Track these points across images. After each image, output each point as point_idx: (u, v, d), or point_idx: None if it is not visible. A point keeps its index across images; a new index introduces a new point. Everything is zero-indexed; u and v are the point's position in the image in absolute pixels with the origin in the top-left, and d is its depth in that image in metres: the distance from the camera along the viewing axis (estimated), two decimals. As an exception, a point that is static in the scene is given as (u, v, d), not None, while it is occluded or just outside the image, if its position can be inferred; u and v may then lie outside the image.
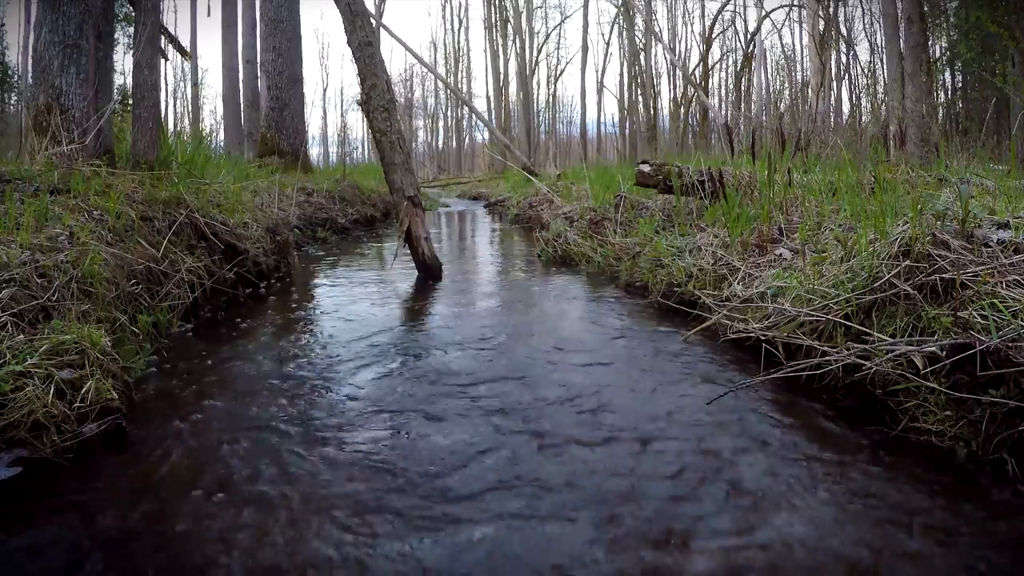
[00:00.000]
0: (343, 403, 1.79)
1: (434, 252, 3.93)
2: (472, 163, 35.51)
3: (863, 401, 1.63)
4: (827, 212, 3.00)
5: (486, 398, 1.80)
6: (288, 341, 2.48)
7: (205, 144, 5.50)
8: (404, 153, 3.87)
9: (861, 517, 1.17)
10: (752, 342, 2.11)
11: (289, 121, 9.05)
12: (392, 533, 1.14)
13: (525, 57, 24.25)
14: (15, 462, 1.34)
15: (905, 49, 8.18)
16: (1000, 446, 1.32)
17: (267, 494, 1.28)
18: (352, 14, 3.88)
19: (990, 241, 1.82)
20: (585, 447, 1.48)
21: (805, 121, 9.88)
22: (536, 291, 3.53)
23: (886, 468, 1.35)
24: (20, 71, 16.95)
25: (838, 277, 2.01)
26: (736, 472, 1.35)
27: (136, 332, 2.17)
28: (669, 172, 4.31)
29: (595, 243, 4.28)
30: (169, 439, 1.54)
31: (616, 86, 43.02)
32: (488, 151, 25.06)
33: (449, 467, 1.39)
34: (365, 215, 7.78)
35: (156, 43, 3.78)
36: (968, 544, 1.09)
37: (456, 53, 33.73)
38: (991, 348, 1.38)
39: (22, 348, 1.57)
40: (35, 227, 2.28)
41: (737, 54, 24.61)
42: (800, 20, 20.51)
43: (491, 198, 12.65)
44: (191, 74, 20.34)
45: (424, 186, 16.41)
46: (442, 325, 2.72)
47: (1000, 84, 8.55)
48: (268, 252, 3.79)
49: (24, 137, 4.15)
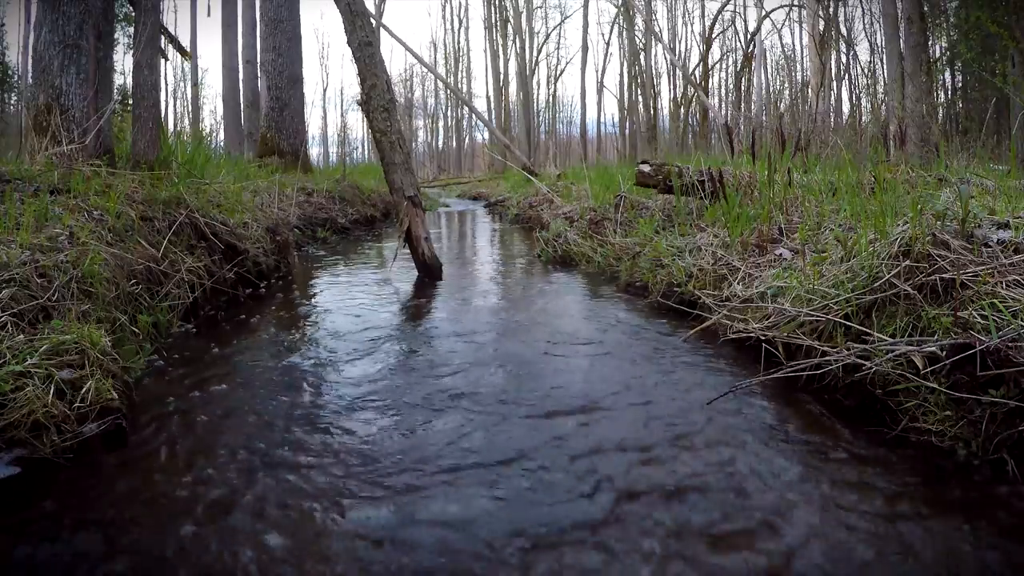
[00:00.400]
0: (343, 400, 1.79)
1: (434, 252, 3.93)
2: (472, 163, 35.50)
3: (863, 401, 1.63)
4: (827, 212, 3.00)
5: (482, 395, 1.80)
6: (288, 341, 2.48)
7: (205, 144, 5.50)
8: (404, 153, 3.87)
9: (861, 517, 1.17)
10: (752, 342, 2.11)
11: (289, 121, 9.05)
12: (391, 515, 1.15)
13: (525, 57, 24.26)
14: (15, 462, 1.34)
15: (905, 49, 8.19)
16: (1000, 446, 1.33)
17: (267, 492, 1.29)
18: (352, 14, 3.88)
19: (990, 241, 1.82)
20: (584, 447, 1.48)
21: (805, 121, 9.88)
22: (536, 291, 3.53)
23: (886, 468, 1.35)
24: (20, 71, 16.96)
25: (838, 277, 2.01)
26: (736, 471, 1.35)
27: (136, 332, 2.17)
28: (669, 172, 4.31)
29: (595, 243, 4.28)
30: (169, 439, 1.55)
31: (616, 86, 42.99)
32: (488, 151, 25.06)
33: (442, 450, 1.41)
34: (365, 215, 7.78)
35: (156, 43, 3.78)
36: (968, 544, 1.09)
37: (456, 53, 33.74)
38: (991, 348, 1.38)
39: (22, 348, 1.57)
40: (35, 227, 2.28)
41: (737, 54, 24.62)
42: (800, 20, 20.52)
43: (491, 198, 12.64)
44: (191, 74, 20.34)
45: (424, 186, 16.40)
46: (441, 324, 2.72)
47: (1000, 84, 8.55)
48: (268, 252, 3.79)
49: (24, 137, 4.15)
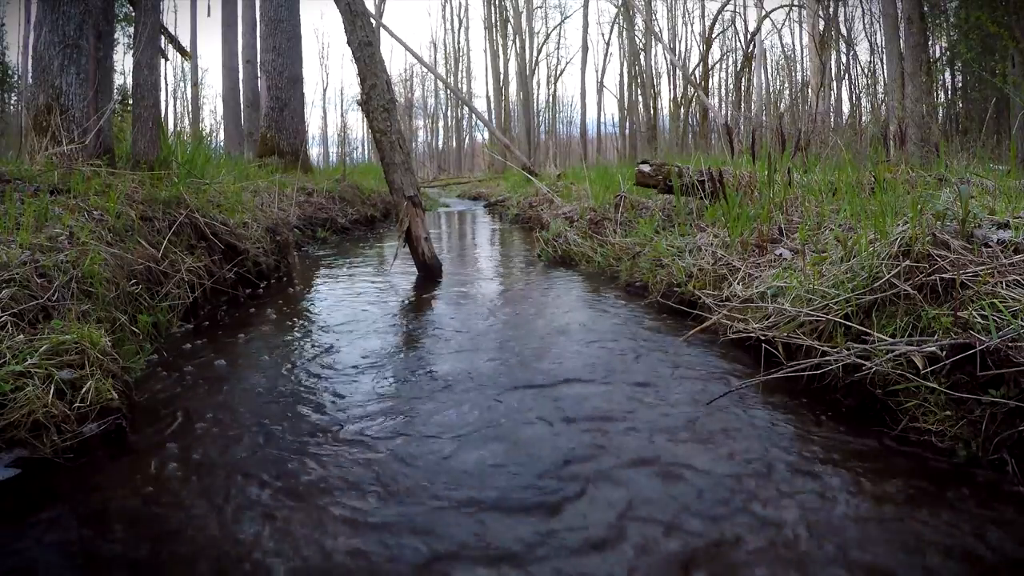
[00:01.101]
0: (344, 398, 1.79)
1: (434, 252, 3.93)
2: (472, 163, 35.52)
3: (863, 401, 1.63)
4: (827, 212, 3.00)
5: (479, 394, 1.80)
6: (288, 340, 2.48)
7: (205, 144, 5.50)
8: (404, 153, 3.87)
9: (861, 516, 1.17)
10: (752, 342, 2.11)
11: (289, 121, 9.05)
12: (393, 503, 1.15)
13: (525, 57, 24.27)
14: (15, 462, 1.34)
15: (905, 49, 8.19)
16: (1000, 446, 1.33)
17: (268, 492, 1.28)
18: (352, 14, 3.88)
19: (990, 241, 1.82)
20: (584, 447, 1.48)
21: (805, 121, 9.88)
22: (536, 291, 3.53)
23: (886, 468, 1.35)
24: (20, 71, 16.97)
25: (838, 277, 2.01)
26: (736, 472, 1.35)
27: (136, 332, 2.17)
28: (669, 172, 4.31)
29: (595, 243, 4.28)
30: (169, 439, 1.55)
31: (616, 86, 43.02)
32: (488, 151, 25.06)
33: (444, 440, 1.41)
34: (365, 215, 7.78)
35: (156, 43, 3.78)
36: (968, 543, 1.09)
37: (456, 53, 33.75)
38: (991, 348, 1.38)
39: (22, 348, 1.57)
40: (35, 227, 2.28)
41: (737, 54, 24.62)
42: (800, 20, 20.52)
43: (491, 198, 12.64)
44: (191, 74, 20.34)
45: (424, 186, 16.41)
46: (440, 323, 2.72)
47: (1000, 84, 8.56)
48: (268, 252, 3.79)
49: (24, 137, 4.15)
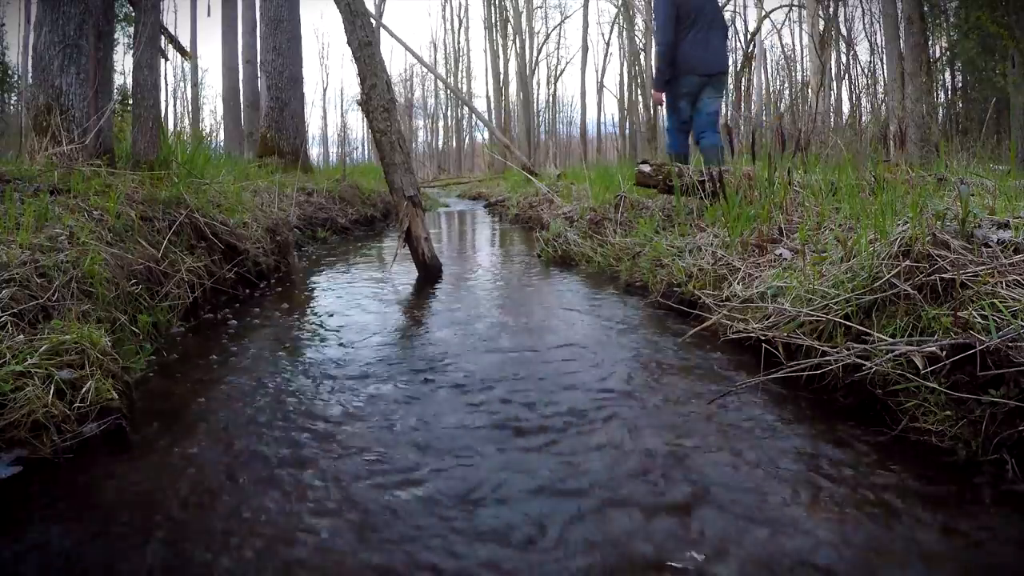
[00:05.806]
0: (344, 396, 1.79)
1: (434, 252, 3.93)
2: (472, 163, 35.53)
3: (863, 401, 1.63)
4: (827, 212, 3.00)
5: (476, 392, 1.80)
6: (288, 339, 2.48)
7: (205, 144, 5.49)
8: (404, 153, 3.87)
9: (861, 516, 1.17)
10: (752, 342, 2.11)
11: (289, 121, 9.04)
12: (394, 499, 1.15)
13: (525, 57, 24.28)
14: (15, 462, 1.34)
15: (905, 49, 8.19)
16: (1000, 446, 1.32)
17: (269, 492, 1.28)
18: (352, 14, 3.88)
19: (990, 241, 1.82)
20: (578, 449, 1.48)
21: (805, 121, 9.88)
22: (536, 290, 3.53)
23: (886, 468, 1.35)
24: (20, 71, 16.98)
25: (838, 277, 2.00)
26: (735, 473, 1.35)
27: (136, 332, 2.17)
28: (669, 172, 4.31)
29: (595, 243, 4.27)
30: (169, 439, 1.54)
31: (616, 86, 42.99)
32: (488, 151, 25.06)
33: (446, 440, 1.40)
34: (365, 215, 7.77)
35: (156, 43, 3.77)
36: (968, 543, 1.09)
37: (456, 53, 33.78)
38: (991, 348, 1.38)
39: (22, 348, 1.56)
40: (35, 227, 2.28)
41: (737, 54, 24.60)
42: (800, 20, 20.52)
43: (491, 198, 12.63)
44: (191, 74, 20.36)
45: (424, 186, 16.40)
46: (440, 322, 2.71)
47: (1000, 84, 8.56)
48: (268, 252, 3.79)
49: (24, 137, 4.15)
